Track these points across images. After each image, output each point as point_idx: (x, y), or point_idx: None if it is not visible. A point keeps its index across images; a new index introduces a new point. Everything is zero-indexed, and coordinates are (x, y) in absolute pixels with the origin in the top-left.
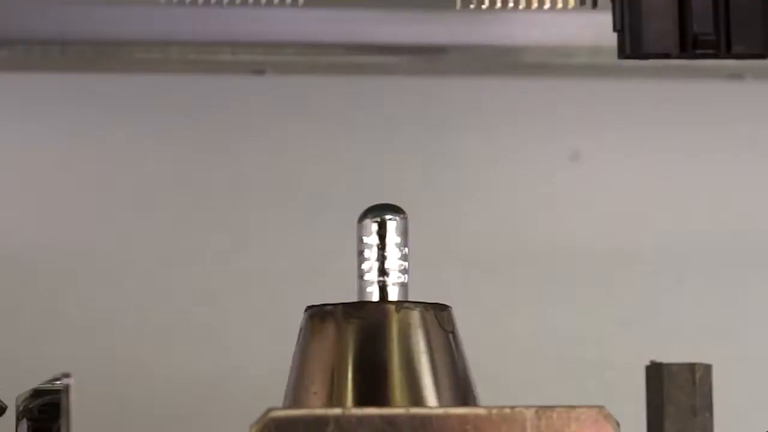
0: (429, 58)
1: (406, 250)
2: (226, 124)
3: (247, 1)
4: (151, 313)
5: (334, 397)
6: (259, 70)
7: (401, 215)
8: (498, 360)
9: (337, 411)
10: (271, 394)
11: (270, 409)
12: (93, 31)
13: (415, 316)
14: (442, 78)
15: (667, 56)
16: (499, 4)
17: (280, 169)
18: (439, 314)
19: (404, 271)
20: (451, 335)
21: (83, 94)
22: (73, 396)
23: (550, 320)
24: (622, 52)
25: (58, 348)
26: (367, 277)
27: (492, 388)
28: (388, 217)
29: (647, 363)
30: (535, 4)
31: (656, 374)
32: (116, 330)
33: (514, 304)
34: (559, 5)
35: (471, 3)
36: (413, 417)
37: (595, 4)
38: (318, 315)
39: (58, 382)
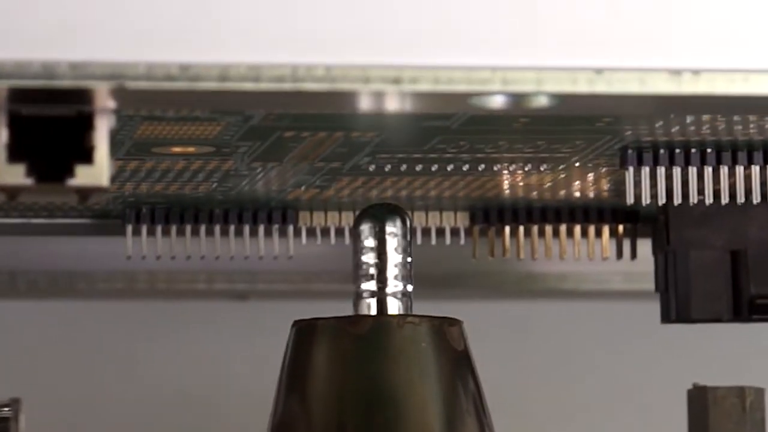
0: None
1: (409, 256)
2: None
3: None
4: None
5: (326, 430)
6: (241, 296)
7: (403, 216)
8: (520, 384)
9: None
10: (253, 420)
11: None
12: (48, 262)
13: (421, 332)
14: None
15: (717, 321)
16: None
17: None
18: (449, 330)
19: (407, 279)
20: (461, 354)
21: (39, 322)
22: (23, 423)
23: None
24: (666, 317)
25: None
26: (363, 286)
27: (514, 418)
28: (388, 218)
29: (689, 386)
30: (566, 255)
31: (700, 399)
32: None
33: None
34: (593, 257)
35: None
36: None
37: (634, 256)
38: (307, 331)
39: (6, 409)
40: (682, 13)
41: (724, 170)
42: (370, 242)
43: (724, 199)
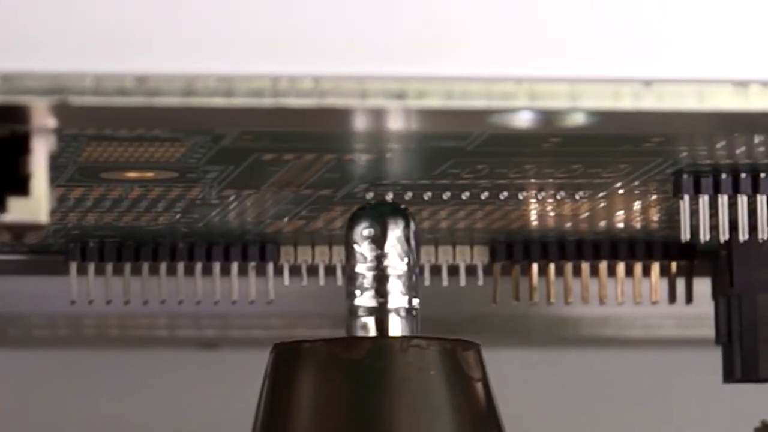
0: None
1: (415, 265)
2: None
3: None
4: None
5: None
6: (209, 344)
7: (407, 216)
8: (549, 416)
9: None
10: None
11: None
12: None
13: (429, 357)
14: None
15: None
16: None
17: None
18: (463, 354)
19: (413, 293)
20: (480, 384)
21: None
22: None
23: None
24: (730, 375)
25: None
26: (358, 302)
27: None
28: (390, 218)
29: (757, 424)
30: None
31: None
32: None
33: None
34: (641, 300)
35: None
36: None
37: (690, 299)
38: (289, 356)
39: None
40: (748, 13)
41: None
42: (367, 248)
43: None
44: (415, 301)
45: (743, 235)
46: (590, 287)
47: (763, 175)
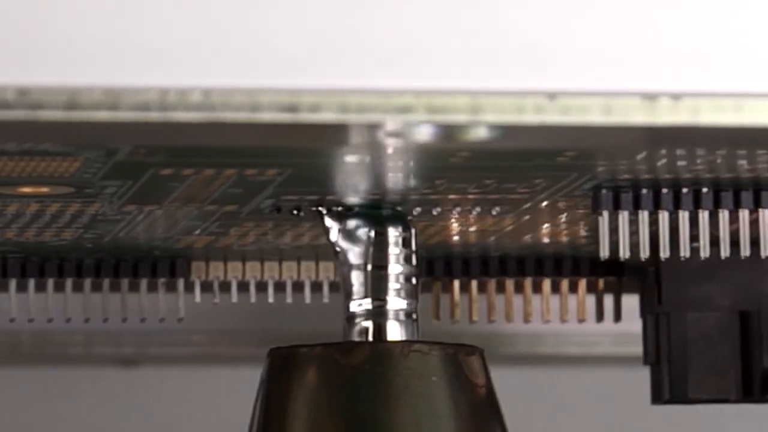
0: None
1: (415, 267)
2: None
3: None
4: None
5: None
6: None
7: (406, 217)
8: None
9: None
10: None
11: None
12: None
13: (431, 362)
14: None
15: (722, 401)
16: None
17: None
18: (466, 360)
19: (413, 296)
20: (483, 390)
21: None
22: None
23: None
24: (658, 396)
25: None
26: (356, 305)
27: None
28: (389, 219)
29: None
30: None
31: None
32: None
33: None
34: (568, 318)
35: None
36: None
37: (618, 317)
38: (285, 362)
39: None
40: (654, 23)
41: (724, 215)
42: (365, 250)
43: (724, 251)
44: (415, 304)
45: (664, 252)
46: (515, 304)
47: (685, 190)
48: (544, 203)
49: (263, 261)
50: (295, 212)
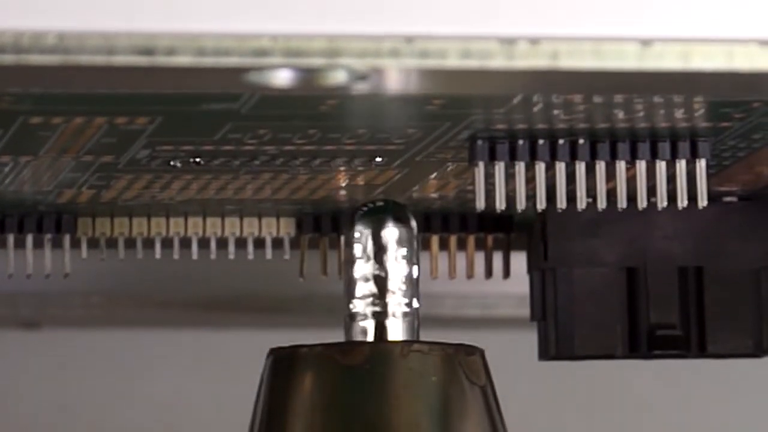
0: None
1: (416, 267)
2: None
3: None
4: None
5: None
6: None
7: (408, 217)
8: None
9: None
10: None
11: None
12: None
13: (430, 362)
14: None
15: (608, 357)
16: None
17: None
18: (466, 360)
19: (414, 296)
20: (482, 391)
21: None
22: None
23: None
24: (545, 353)
25: None
26: (357, 305)
27: None
28: (390, 219)
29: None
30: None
31: None
32: None
33: None
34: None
35: None
36: None
37: (507, 274)
38: (286, 362)
39: None
40: None
41: (600, 166)
42: (366, 250)
43: (601, 203)
44: (416, 304)
45: (540, 204)
46: None
47: (562, 141)
48: (422, 155)
49: (148, 217)
50: (171, 164)
